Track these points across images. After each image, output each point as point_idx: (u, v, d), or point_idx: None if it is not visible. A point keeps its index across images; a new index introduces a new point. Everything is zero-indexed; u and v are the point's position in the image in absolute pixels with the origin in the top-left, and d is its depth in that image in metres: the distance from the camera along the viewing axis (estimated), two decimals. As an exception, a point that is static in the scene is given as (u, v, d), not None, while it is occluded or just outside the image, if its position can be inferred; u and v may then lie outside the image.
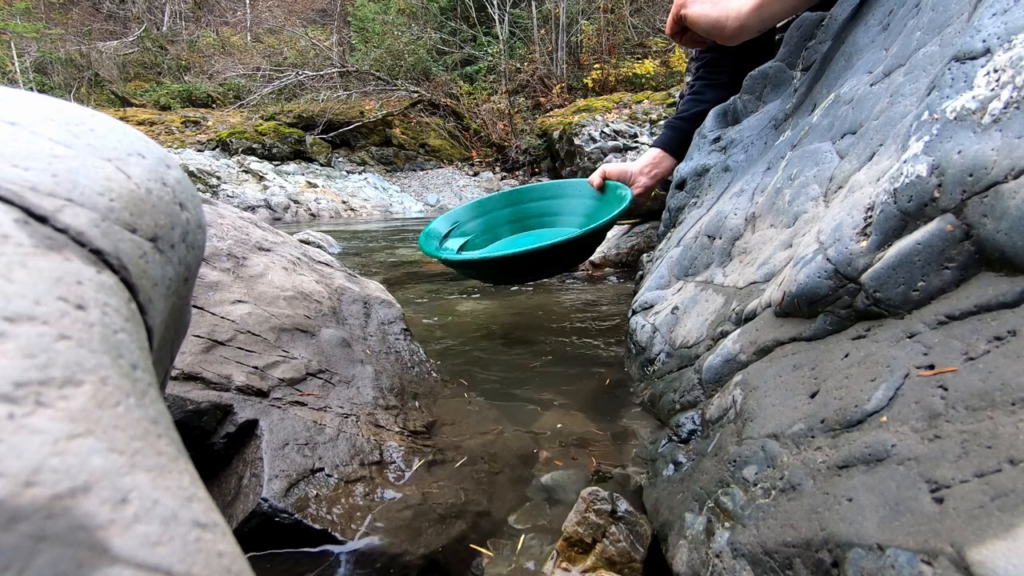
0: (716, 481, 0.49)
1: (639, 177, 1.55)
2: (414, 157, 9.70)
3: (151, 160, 0.33)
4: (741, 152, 1.06)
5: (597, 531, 0.52)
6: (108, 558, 0.16)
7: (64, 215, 0.24)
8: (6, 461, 0.16)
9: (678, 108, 1.64)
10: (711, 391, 0.62)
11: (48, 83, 10.04)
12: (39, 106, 0.30)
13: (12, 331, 0.19)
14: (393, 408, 0.74)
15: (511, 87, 10.47)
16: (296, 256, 0.95)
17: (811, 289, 0.49)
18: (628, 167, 1.55)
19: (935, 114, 0.43)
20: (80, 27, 11.68)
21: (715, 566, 0.43)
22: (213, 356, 0.65)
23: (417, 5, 11.10)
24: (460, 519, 0.59)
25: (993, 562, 0.26)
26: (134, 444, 0.19)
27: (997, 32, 0.41)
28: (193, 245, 0.35)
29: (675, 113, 1.62)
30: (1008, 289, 0.35)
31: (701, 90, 1.56)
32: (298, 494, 0.55)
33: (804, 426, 0.43)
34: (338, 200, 6.84)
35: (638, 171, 1.54)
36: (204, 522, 0.19)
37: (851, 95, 0.68)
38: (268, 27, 13.48)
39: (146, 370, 0.24)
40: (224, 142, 8.15)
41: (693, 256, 0.90)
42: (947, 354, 0.36)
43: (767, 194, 0.75)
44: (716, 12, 0.98)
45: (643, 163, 1.57)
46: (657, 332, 0.86)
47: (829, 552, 0.34)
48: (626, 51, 10.51)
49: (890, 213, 0.43)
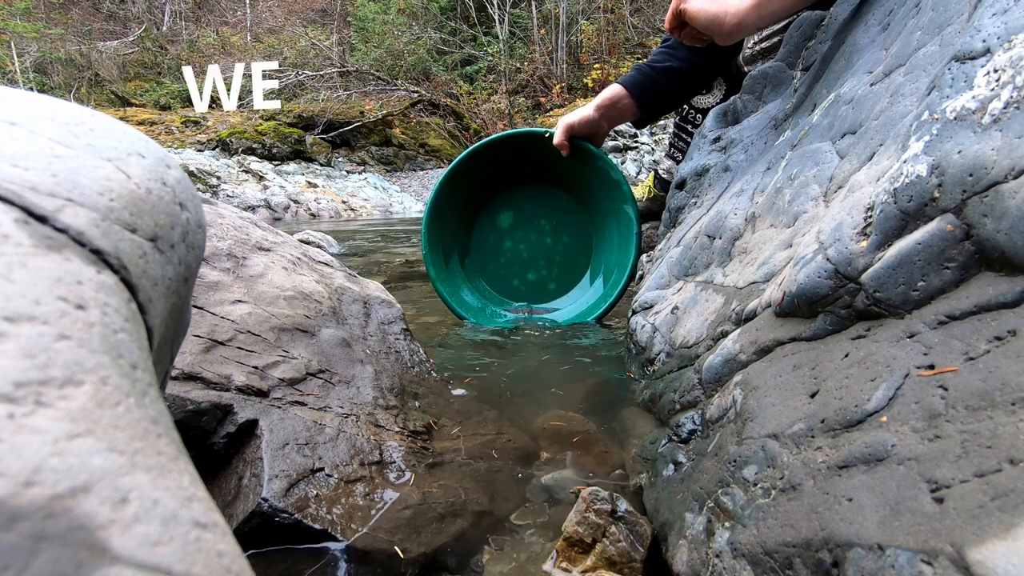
0: (716, 481, 0.49)
1: (602, 123, 1.46)
2: (414, 157, 9.70)
3: (151, 160, 0.33)
4: (741, 152, 1.06)
5: (597, 531, 0.52)
6: (108, 558, 0.16)
7: (64, 215, 0.24)
8: (6, 461, 0.16)
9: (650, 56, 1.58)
10: (711, 391, 0.62)
11: (48, 83, 10.04)
12: (39, 106, 0.30)
13: (12, 331, 0.19)
14: (393, 408, 0.74)
15: (511, 87, 10.47)
16: (296, 256, 0.95)
17: (811, 289, 0.49)
18: (589, 114, 1.44)
19: (935, 114, 0.43)
20: (80, 27, 11.68)
21: (715, 566, 0.43)
22: (213, 356, 0.65)
23: (417, 5, 11.10)
24: (460, 518, 0.59)
25: (993, 562, 0.26)
26: (134, 444, 0.19)
27: (997, 32, 0.41)
28: (193, 245, 0.35)
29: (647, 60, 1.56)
30: (1008, 289, 0.35)
31: (675, 45, 1.51)
32: (298, 494, 0.55)
33: (804, 426, 0.43)
34: (338, 200, 6.84)
35: (600, 115, 1.45)
36: (204, 522, 0.19)
37: (851, 95, 0.68)
38: (268, 27, 13.48)
39: (146, 370, 0.24)
40: (224, 142, 8.15)
41: (693, 256, 0.90)
42: (947, 354, 0.36)
43: (767, 194, 0.75)
44: (715, 8, 0.98)
45: (603, 103, 1.46)
46: (657, 332, 0.86)
47: (829, 552, 0.34)
48: (626, 51, 10.51)
49: (890, 213, 0.43)
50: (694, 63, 1.50)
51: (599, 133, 1.49)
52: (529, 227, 1.61)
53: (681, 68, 1.50)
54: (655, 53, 1.56)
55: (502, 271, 1.61)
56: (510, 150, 1.51)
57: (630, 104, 1.48)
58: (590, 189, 1.53)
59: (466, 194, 1.55)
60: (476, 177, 1.53)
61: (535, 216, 1.60)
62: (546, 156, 1.49)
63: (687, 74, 1.51)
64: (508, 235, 1.61)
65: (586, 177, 1.51)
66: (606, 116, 1.47)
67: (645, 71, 1.51)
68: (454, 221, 1.56)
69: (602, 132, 1.49)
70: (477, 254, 1.61)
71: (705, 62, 1.50)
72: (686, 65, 1.50)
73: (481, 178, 1.55)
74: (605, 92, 1.50)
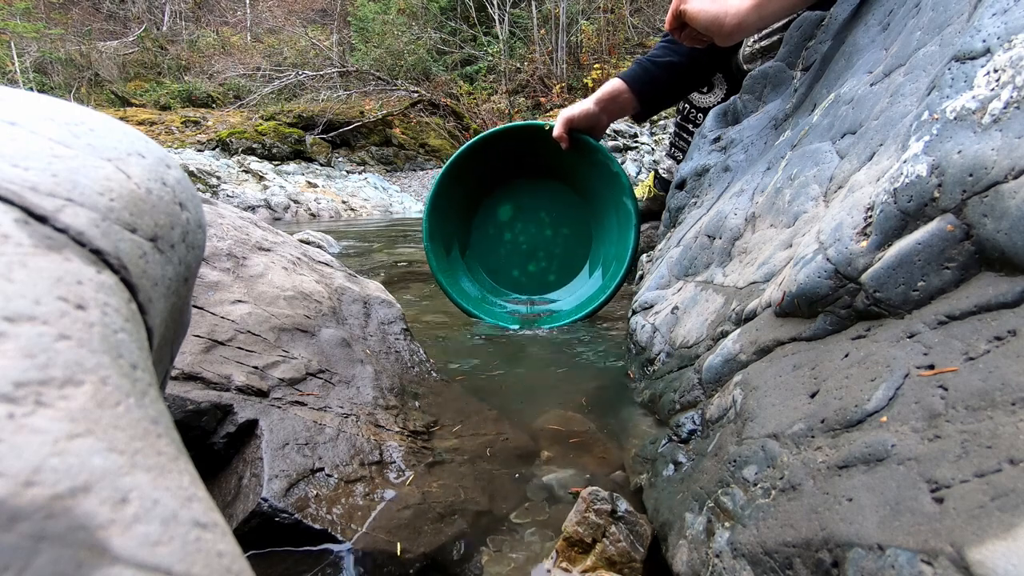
0: (716, 481, 0.49)
1: (601, 116, 1.47)
2: (414, 157, 9.70)
3: (151, 160, 0.33)
4: (741, 152, 1.06)
5: (597, 531, 0.52)
6: (108, 558, 0.16)
7: (64, 215, 0.24)
8: (6, 461, 0.16)
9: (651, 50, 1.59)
10: (711, 391, 0.62)
11: (48, 83, 10.04)
12: (39, 106, 0.30)
13: (12, 331, 0.19)
14: (393, 408, 0.74)
15: (511, 87, 10.48)
16: (296, 256, 0.95)
17: (811, 289, 0.49)
18: (589, 108, 1.45)
19: (935, 114, 0.43)
20: (80, 27, 11.68)
21: (715, 566, 0.43)
22: (213, 356, 0.65)
23: (417, 5, 11.11)
24: (460, 519, 0.59)
25: (993, 562, 0.26)
26: (134, 444, 0.19)
27: (997, 32, 0.41)
28: (193, 245, 0.35)
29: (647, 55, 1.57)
30: (1008, 289, 0.35)
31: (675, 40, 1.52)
32: (298, 494, 0.55)
33: (804, 426, 0.43)
34: (338, 200, 6.84)
35: (600, 109, 1.46)
36: (204, 522, 0.19)
37: (851, 95, 0.68)
38: (268, 27, 13.48)
39: (146, 370, 0.24)
40: (224, 142, 8.15)
41: (693, 256, 0.90)
42: (947, 354, 0.36)
43: (767, 194, 0.75)
44: (715, 8, 0.98)
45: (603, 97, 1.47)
46: (657, 332, 0.86)
47: (829, 552, 0.34)
48: (626, 51, 10.51)
49: (890, 213, 0.43)
50: (694, 58, 1.51)
51: (599, 126, 1.50)
52: (529, 219, 1.62)
53: (681, 63, 1.51)
54: (656, 48, 1.57)
55: (502, 263, 1.62)
56: (510, 143, 1.52)
57: (630, 98, 1.49)
58: (589, 182, 1.54)
59: (466, 187, 1.56)
60: (476, 170, 1.54)
61: (535, 209, 1.61)
62: (546, 149, 1.50)
63: (687, 69, 1.52)
64: (508, 227, 1.62)
65: (585, 170, 1.52)
66: (606, 110, 1.48)
67: (645, 65, 1.52)
68: (455, 214, 1.57)
69: (602, 125, 1.50)
70: (477, 246, 1.63)
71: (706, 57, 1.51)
72: (686, 60, 1.51)
73: (481, 171, 1.55)
74: (605, 86, 1.51)
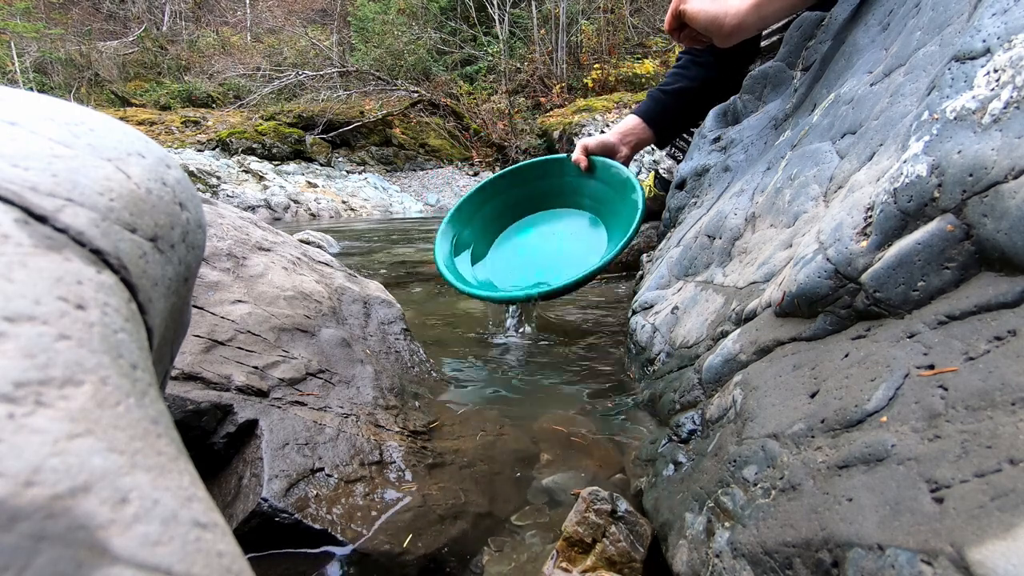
0: (716, 481, 0.49)
1: (620, 147, 1.53)
2: (414, 157, 9.70)
3: (151, 160, 0.33)
4: (741, 152, 1.06)
5: (597, 531, 0.52)
6: (108, 558, 0.16)
7: (64, 215, 0.24)
8: (6, 461, 0.16)
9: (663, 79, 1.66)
10: (711, 391, 0.62)
11: (48, 83, 10.04)
12: (39, 106, 0.30)
13: (12, 331, 0.19)
14: (393, 408, 0.74)
15: (511, 87, 10.47)
16: (296, 256, 0.95)
17: (811, 289, 0.49)
18: (607, 138, 1.53)
19: (935, 114, 0.43)
20: (80, 27, 11.68)
21: (715, 566, 0.43)
22: (213, 356, 0.65)
23: (417, 5, 11.10)
24: (460, 519, 0.59)
25: (993, 562, 0.26)
26: (134, 444, 0.19)
27: (997, 32, 0.41)
28: (193, 245, 0.35)
29: (658, 84, 1.63)
30: (1008, 289, 0.35)
31: (686, 65, 1.58)
32: (298, 494, 0.55)
33: (804, 426, 0.43)
34: (338, 200, 6.84)
35: (618, 140, 1.53)
36: (204, 522, 0.19)
37: (851, 95, 0.68)
38: (268, 27, 13.48)
39: (146, 370, 0.24)
40: (224, 142, 8.14)
41: (693, 256, 0.90)
42: (947, 354, 0.36)
43: (767, 194, 0.75)
44: (715, 9, 0.98)
45: (621, 131, 1.54)
46: (657, 332, 0.86)
47: (829, 552, 0.34)
48: (626, 51, 10.50)
49: (890, 213, 0.43)
50: (706, 80, 1.54)
51: (617, 156, 1.53)
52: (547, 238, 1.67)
53: (691, 87, 1.56)
54: (667, 75, 1.64)
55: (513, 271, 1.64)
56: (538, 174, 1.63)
57: (646, 130, 1.56)
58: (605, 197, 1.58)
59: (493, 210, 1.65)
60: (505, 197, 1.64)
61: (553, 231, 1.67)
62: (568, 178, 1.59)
63: (698, 92, 1.57)
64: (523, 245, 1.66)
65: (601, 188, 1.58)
66: (624, 142, 1.54)
67: (656, 96, 1.58)
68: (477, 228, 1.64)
69: (621, 156, 1.54)
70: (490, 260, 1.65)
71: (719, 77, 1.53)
72: (697, 84, 1.56)
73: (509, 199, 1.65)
74: (622, 123, 1.59)
